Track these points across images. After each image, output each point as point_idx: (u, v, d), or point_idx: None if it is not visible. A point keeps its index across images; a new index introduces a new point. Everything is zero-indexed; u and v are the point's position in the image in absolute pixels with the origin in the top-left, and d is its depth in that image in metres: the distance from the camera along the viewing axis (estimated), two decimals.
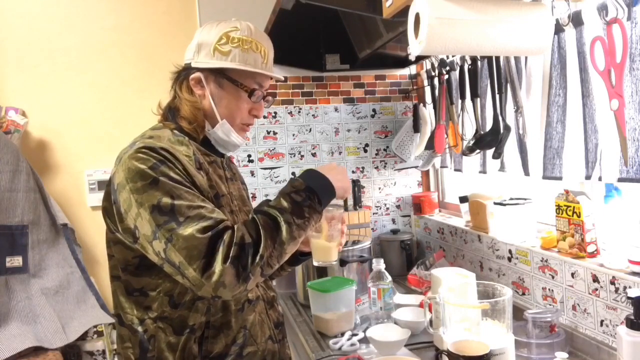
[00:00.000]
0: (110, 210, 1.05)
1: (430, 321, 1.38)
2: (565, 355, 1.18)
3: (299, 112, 2.46)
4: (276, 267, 1.01)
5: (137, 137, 1.11)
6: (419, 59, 2.32)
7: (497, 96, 1.66)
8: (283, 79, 1.23)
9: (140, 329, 1.06)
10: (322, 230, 1.21)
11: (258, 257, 0.96)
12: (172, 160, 1.01)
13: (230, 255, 0.93)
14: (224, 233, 0.95)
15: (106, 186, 1.08)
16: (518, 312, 1.45)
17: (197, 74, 1.12)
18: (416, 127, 2.39)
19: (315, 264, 1.25)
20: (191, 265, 0.92)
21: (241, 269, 0.94)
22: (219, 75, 1.13)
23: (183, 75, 1.16)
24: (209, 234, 0.94)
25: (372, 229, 2.51)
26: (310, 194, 1.05)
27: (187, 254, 0.93)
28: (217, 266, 0.92)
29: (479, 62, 1.80)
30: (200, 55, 1.13)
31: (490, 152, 1.74)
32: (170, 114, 1.17)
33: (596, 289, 1.36)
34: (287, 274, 1.52)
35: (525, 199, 1.72)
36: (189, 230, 0.93)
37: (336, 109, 2.50)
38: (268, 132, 2.42)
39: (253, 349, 1.13)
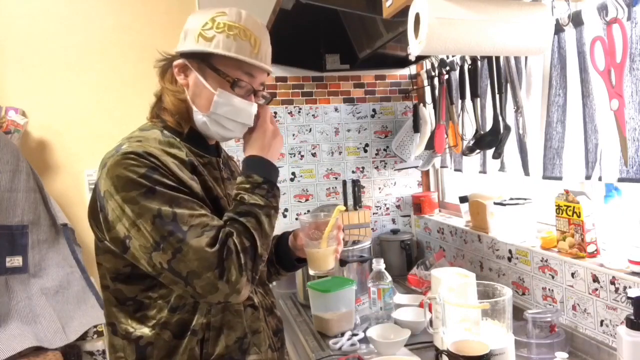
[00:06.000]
0: (96, 216, 1.01)
1: (430, 321, 1.38)
2: (565, 355, 1.18)
3: (299, 112, 2.46)
4: (266, 256, 1.05)
5: (123, 139, 1.05)
6: (419, 59, 2.32)
7: (497, 96, 1.66)
8: (271, 70, 1.15)
9: (136, 336, 1.02)
10: (317, 239, 1.20)
11: (258, 258, 1.00)
12: (161, 166, 0.97)
13: (241, 263, 0.95)
14: (228, 241, 0.96)
15: (92, 191, 1.03)
16: (518, 312, 1.45)
17: (180, 61, 1.07)
18: (416, 127, 2.38)
19: (311, 273, 1.24)
20: (204, 274, 0.92)
21: (249, 272, 0.97)
22: (202, 62, 1.07)
23: (167, 64, 1.11)
24: (218, 247, 0.94)
25: (372, 229, 2.51)
26: (268, 184, 1.07)
27: (199, 264, 0.92)
28: (232, 276, 0.94)
29: (479, 62, 1.80)
30: (186, 43, 1.07)
31: (490, 152, 1.74)
32: (157, 107, 1.13)
33: (596, 289, 1.36)
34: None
35: (525, 199, 1.72)
36: (198, 241, 0.93)
37: (336, 109, 2.50)
38: None
39: (257, 358, 1.10)
